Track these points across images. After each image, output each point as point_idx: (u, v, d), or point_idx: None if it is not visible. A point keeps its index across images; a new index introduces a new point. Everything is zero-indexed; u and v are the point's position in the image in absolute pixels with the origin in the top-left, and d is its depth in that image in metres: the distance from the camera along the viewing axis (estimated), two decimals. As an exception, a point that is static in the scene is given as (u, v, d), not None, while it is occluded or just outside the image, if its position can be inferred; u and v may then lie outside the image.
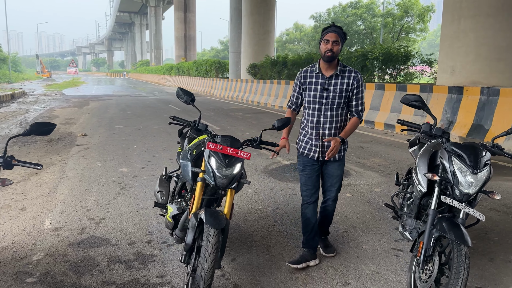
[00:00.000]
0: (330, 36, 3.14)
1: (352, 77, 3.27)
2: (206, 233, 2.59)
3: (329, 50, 3.13)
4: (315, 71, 3.30)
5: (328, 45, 3.13)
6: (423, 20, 35.63)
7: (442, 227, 2.60)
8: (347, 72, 3.28)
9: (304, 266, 3.34)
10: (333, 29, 3.17)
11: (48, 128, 2.67)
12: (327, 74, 3.26)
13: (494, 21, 9.32)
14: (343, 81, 3.26)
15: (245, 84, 22.36)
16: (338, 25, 3.23)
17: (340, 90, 3.25)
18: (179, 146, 3.90)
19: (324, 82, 3.26)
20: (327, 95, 3.27)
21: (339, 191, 3.52)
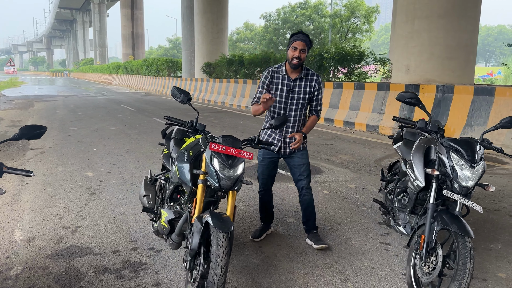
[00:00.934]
0: (298, 44, 3.38)
1: (315, 80, 3.59)
2: (215, 237, 2.49)
3: (296, 58, 3.40)
4: (282, 72, 3.56)
5: (296, 52, 3.39)
6: (368, 21, 37.02)
7: (443, 220, 2.68)
8: (310, 75, 3.59)
9: (264, 237, 3.87)
10: (301, 37, 3.41)
11: (39, 132, 2.45)
12: (293, 76, 3.54)
13: (445, 22, 9.83)
14: (306, 84, 3.56)
15: (200, 83, 22.08)
16: (306, 34, 3.48)
17: (304, 92, 3.56)
18: (164, 148, 3.75)
19: (289, 84, 3.54)
20: (292, 96, 3.56)
21: (309, 180, 3.75)
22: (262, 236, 3.89)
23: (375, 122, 10.39)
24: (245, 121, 12.91)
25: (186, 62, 27.00)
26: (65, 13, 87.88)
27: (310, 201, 3.76)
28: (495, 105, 7.85)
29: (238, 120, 13.01)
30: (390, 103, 10.15)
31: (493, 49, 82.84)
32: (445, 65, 10.05)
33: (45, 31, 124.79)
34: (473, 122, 8.16)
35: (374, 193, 5.34)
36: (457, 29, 9.83)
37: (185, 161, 2.95)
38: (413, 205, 3.15)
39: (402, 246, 3.76)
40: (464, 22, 9.90)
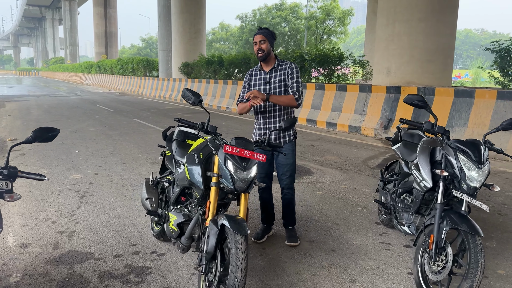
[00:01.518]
0: (256, 38, 3.60)
1: (288, 67, 3.70)
2: (233, 240, 2.47)
3: (259, 50, 3.59)
4: (258, 69, 3.80)
5: (256, 46, 3.59)
6: (343, 23, 37.59)
7: (453, 220, 2.75)
8: (284, 64, 3.73)
9: (266, 238, 3.90)
10: (258, 31, 3.62)
11: (52, 134, 2.38)
12: (267, 69, 3.73)
13: (425, 25, 10.09)
14: (281, 73, 3.70)
15: (178, 83, 21.85)
16: (264, 26, 3.59)
17: (279, 81, 3.69)
18: (166, 150, 3.68)
19: (266, 77, 3.73)
20: (269, 87, 3.71)
21: (292, 181, 3.86)
22: (264, 237, 3.89)
23: (357, 123, 10.55)
24: (227, 122, 12.86)
25: (162, 61, 26.65)
26: (33, 10, 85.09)
27: (290, 200, 3.90)
28: (475, 107, 8.12)
29: (221, 121, 12.94)
30: (372, 105, 10.34)
31: (460, 52, 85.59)
32: (424, 67, 10.31)
33: (12, 29, 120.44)
34: (454, 123, 8.40)
35: (366, 193, 5.42)
36: (436, 33, 10.11)
37: (196, 163, 2.91)
38: (419, 205, 3.22)
39: (403, 245, 3.83)
40: (443, 26, 10.19)
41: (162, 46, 26.65)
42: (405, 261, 3.52)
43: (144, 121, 12.91)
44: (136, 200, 5.03)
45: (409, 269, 3.37)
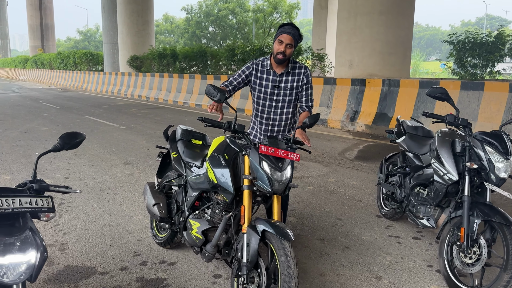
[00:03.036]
0: (285, 38, 3.05)
1: (302, 73, 3.25)
2: (281, 247, 2.30)
3: (281, 53, 3.07)
4: (266, 66, 3.23)
5: (281, 47, 3.06)
6: (290, 17, 37.92)
7: (484, 212, 2.77)
8: (297, 68, 3.25)
9: None
10: (289, 30, 3.06)
11: (79, 140, 2.07)
12: (278, 71, 3.21)
13: (385, 18, 10.35)
14: (293, 78, 3.23)
15: (127, 78, 20.91)
16: (296, 26, 3.13)
17: (291, 87, 3.24)
18: (172, 151, 3.40)
19: (275, 79, 3.22)
20: (278, 92, 3.24)
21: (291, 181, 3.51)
22: None
23: (323, 116, 10.64)
24: (189, 117, 12.49)
25: (108, 55, 25.39)
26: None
27: (287, 201, 3.58)
28: (439, 98, 8.44)
29: (182, 117, 12.54)
30: (337, 97, 10.46)
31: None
32: (385, 60, 10.59)
33: None
34: (419, 113, 8.69)
35: (356, 186, 5.43)
36: (396, 26, 10.40)
37: (223, 165, 2.68)
38: (441, 198, 3.22)
39: (412, 237, 3.85)
40: (402, 19, 10.51)
41: (107, 38, 25.38)
42: (420, 254, 3.53)
43: (99, 118, 12.20)
44: (122, 205, 4.68)
45: (427, 262, 3.38)
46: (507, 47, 9.35)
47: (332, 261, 3.40)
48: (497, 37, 9.43)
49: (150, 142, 8.47)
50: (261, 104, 3.30)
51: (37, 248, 1.57)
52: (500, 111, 7.37)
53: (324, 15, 27.56)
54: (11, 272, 1.49)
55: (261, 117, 3.34)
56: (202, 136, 3.53)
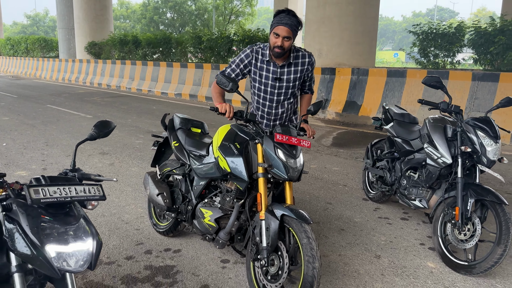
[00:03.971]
0: (282, 30, 2.79)
1: (307, 62, 3.06)
2: (302, 230, 2.40)
3: (279, 47, 2.84)
4: (266, 57, 2.99)
5: (278, 40, 2.82)
6: (250, 5, 37.81)
7: (477, 192, 3.00)
8: (301, 57, 3.04)
9: None
10: (286, 20, 2.78)
11: (111, 129, 2.05)
12: (279, 62, 3.00)
13: (353, 8, 10.61)
14: (296, 69, 3.04)
15: (85, 65, 20.12)
16: (293, 13, 2.83)
17: (294, 79, 3.06)
18: (173, 140, 3.39)
19: (276, 70, 3.02)
20: (279, 85, 3.06)
21: None
22: None
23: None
24: (158, 106, 12.27)
25: (63, 41, 24.26)
26: None
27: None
28: (407, 86, 8.83)
29: (150, 105, 12.30)
30: (308, 85, 10.65)
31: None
32: (353, 49, 10.88)
33: None
34: (388, 101, 9.05)
35: (338, 172, 5.63)
36: (363, 16, 10.70)
37: (236, 154, 2.72)
38: (434, 180, 3.43)
39: (400, 218, 4.08)
40: (369, 9, 10.82)
41: (62, 24, 24.22)
42: (411, 233, 3.76)
43: (62, 107, 11.72)
44: (110, 195, 4.60)
45: (419, 240, 3.61)
46: (467, 38, 9.88)
47: (331, 242, 3.55)
48: (457, 28, 9.94)
49: (123, 131, 8.28)
50: (262, 97, 3.12)
51: (93, 236, 1.57)
52: (463, 99, 7.82)
53: (285, 3, 27.63)
54: (73, 260, 1.49)
55: (262, 110, 3.18)
56: (200, 124, 3.54)
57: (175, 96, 14.33)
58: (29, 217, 1.48)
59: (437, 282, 2.95)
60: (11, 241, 1.46)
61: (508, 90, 7.31)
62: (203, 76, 13.63)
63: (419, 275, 3.04)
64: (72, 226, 1.54)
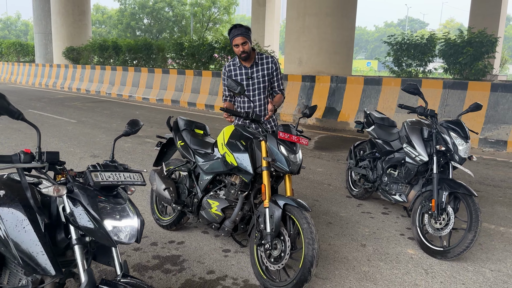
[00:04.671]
0: (237, 40, 3.53)
1: (270, 61, 3.76)
2: (303, 217, 2.73)
3: (242, 52, 3.57)
4: (237, 64, 3.72)
5: (239, 48, 3.56)
6: (228, 12, 38.24)
7: (450, 185, 3.40)
8: (265, 58, 3.76)
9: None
10: (237, 32, 3.52)
11: (139, 127, 2.32)
12: (248, 64, 3.71)
13: (331, 19, 11.11)
14: (263, 67, 3.73)
15: (63, 70, 19.99)
16: (240, 24, 3.61)
17: (263, 75, 3.73)
18: (179, 140, 3.68)
19: (247, 72, 3.71)
20: (252, 82, 3.72)
21: None
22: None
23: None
24: (140, 111, 12.42)
25: (40, 45, 23.98)
26: None
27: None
28: (382, 93, 9.35)
29: (132, 110, 12.44)
30: (289, 92, 11.06)
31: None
32: (332, 58, 11.37)
33: None
34: (364, 107, 9.54)
35: (322, 172, 6.00)
36: (341, 27, 11.21)
37: (242, 150, 3.05)
38: (412, 176, 3.83)
39: (381, 213, 4.47)
40: (346, 21, 11.35)
41: (39, 28, 23.96)
42: (391, 225, 4.15)
43: (44, 112, 11.73)
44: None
45: (399, 231, 3.99)
46: (437, 49, 10.52)
47: (321, 234, 3.89)
48: (429, 39, 10.57)
49: (110, 135, 8.44)
50: (242, 96, 3.72)
51: (138, 215, 1.84)
52: (435, 105, 8.37)
53: (262, 12, 28.20)
54: (124, 234, 1.75)
55: (243, 107, 3.81)
56: (203, 126, 3.85)
57: (156, 102, 14.49)
58: (89, 197, 1.74)
59: (417, 266, 3.33)
60: (75, 217, 1.72)
61: (476, 97, 7.90)
62: (185, 82, 13.87)
63: (400, 260, 3.41)
64: (121, 205, 1.81)
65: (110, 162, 2.03)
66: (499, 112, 7.70)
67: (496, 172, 6.14)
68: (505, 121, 7.62)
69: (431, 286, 3.02)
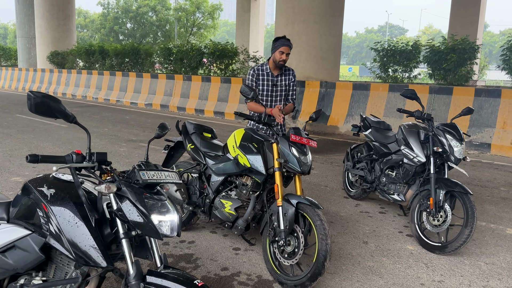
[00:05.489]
0: (285, 49, 3.95)
1: (291, 74, 4.23)
2: (315, 214, 2.90)
3: (283, 60, 3.99)
4: (266, 70, 4.12)
5: (283, 56, 3.96)
6: (212, 18, 38.40)
7: (447, 185, 3.63)
8: (287, 70, 4.20)
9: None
10: (287, 43, 3.98)
11: (167, 131, 2.45)
12: (275, 73, 4.12)
13: (319, 26, 11.39)
14: (286, 78, 4.18)
15: (48, 74, 19.79)
16: (288, 38, 4.06)
17: (285, 85, 4.19)
18: (189, 143, 3.81)
19: (273, 79, 4.12)
20: (276, 89, 4.14)
21: None
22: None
23: (265, 114, 11.36)
24: (130, 115, 12.44)
25: (23, 50, 23.67)
26: None
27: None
28: (370, 98, 9.64)
29: (122, 115, 12.45)
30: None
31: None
32: (320, 64, 11.64)
33: None
34: (353, 112, 9.83)
35: (317, 174, 6.20)
36: (328, 34, 11.50)
37: (255, 152, 3.22)
38: (410, 177, 4.05)
39: (378, 212, 4.69)
40: (334, 28, 11.64)
41: (22, 32, 23.66)
42: (389, 224, 4.36)
43: (32, 116, 11.62)
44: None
45: (397, 229, 4.21)
46: (422, 55, 10.91)
47: (325, 232, 4.07)
48: (413, 46, 10.96)
49: (103, 140, 8.48)
50: (264, 99, 4.13)
51: (177, 211, 1.97)
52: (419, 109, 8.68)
53: (247, 17, 28.47)
54: (167, 228, 1.88)
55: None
56: (211, 129, 4.00)
57: (145, 106, 14.52)
58: (136, 194, 1.86)
59: (417, 261, 3.53)
60: (124, 213, 1.84)
61: (461, 102, 8.25)
62: (175, 86, 13.95)
63: (402, 256, 3.62)
64: (162, 202, 1.94)
65: (145, 163, 2.16)
66: (482, 116, 8.06)
67: (482, 173, 6.45)
68: (488, 125, 7.98)
69: (432, 279, 3.22)
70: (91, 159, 1.96)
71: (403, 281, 3.18)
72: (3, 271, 1.99)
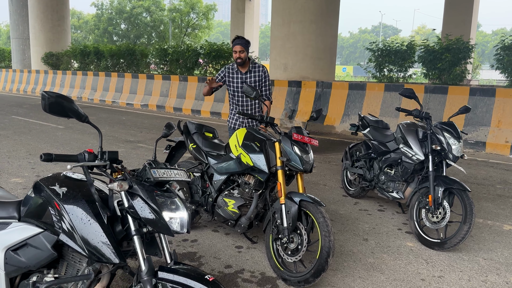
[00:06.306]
0: (237, 48, 4.28)
1: (261, 70, 4.48)
2: (318, 211, 2.95)
3: (239, 58, 4.30)
4: (235, 69, 4.45)
5: (236, 54, 4.30)
6: (207, 18, 38.40)
7: (445, 182, 3.69)
8: (257, 67, 4.47)
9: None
10: (238, 41, 4.29)
11: (174, 130, 2.49)
12: (243, 70, 4.44)
13: (315, 27, 11.46)
14: (255, 74, 4.45)
15: (42, 76, 19.71)
16: (242, 37, 4.37)
17: (254, 81, 4.46)
18: (191, 143, 3.85)
19: (242, 76, 4.43)
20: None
21: None
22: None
23: (262, 114, 11.41)
24: (127, 116, 12.44)
25: (17, 51, 23.53)
26: None
27: None
28: (366, 98, 9.72)
29: (118, 116, 12.44)
30: (276, 97, 11.30)
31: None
32: (316, 64, 11.71)
33: None
34: (350, 112, 9.90)
35: (315, 173, 6.25)
36: (324, 34, 11.58)
37: (258, 151, 3.26)
38: (409, 175, 4.11)
39: (377, 210, 4.75)
40: (329, 28, 11.73)
41: (16, 33, 23.53)
42: (388, 221, 4.42)
43: (28, 118, 11.62)
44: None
45: (396, 226, 4.27)
46: (417, 55, 11.01)
47: (325, 230, 4.12)
48: (408, 46, 11.06)
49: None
50: (236, 96, 4.53)
51: (186, 208, 2.01)
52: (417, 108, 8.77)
53: (242, 18, 28.53)
54: (177, 224, 1.92)
55: (236, 106, 4.58)
56: (212, 129, 4.04)
57: (141, 107, 14.52)
58: (147, 192, 1.90)
59: (417, 257, 3.60)
60: (136, 210, 1.88)
61: (456, 101, 8.35)
62: (171, 87, 13.96)
63: (402, 252, 3.68)
64: (171, 199, 1.98)
65: (154, 162, 2.20)
66: (477, 115, 8.16)
67: (478, 171, 6.54)
68: (483, 123, 8.08)
69: (432, 274, 3.29)
70: (103, 158, 2.00)
71: (404, 277, 3.24)
72: (16, 269, 2.02)
